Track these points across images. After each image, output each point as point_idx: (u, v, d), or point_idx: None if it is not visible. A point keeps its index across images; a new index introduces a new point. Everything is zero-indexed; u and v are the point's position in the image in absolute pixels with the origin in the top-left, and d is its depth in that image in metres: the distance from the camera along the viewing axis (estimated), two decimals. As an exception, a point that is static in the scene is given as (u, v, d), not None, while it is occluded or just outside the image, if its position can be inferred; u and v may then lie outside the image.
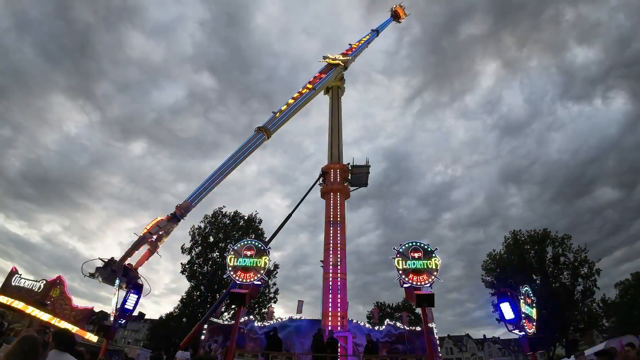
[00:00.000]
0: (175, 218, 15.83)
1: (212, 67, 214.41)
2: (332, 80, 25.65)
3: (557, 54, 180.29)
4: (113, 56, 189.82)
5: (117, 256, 14.34)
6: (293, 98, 23.12)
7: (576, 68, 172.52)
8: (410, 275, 12.32)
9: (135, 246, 14.29)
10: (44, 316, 19.71)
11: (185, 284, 38.82)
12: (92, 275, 12.81)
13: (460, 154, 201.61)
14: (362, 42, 30.91)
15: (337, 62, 25.73)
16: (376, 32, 34.11)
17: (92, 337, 23.68)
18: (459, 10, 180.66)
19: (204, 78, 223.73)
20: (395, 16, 38.71)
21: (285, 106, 22.36)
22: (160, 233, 15.14)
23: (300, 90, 23.88)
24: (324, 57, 25.98)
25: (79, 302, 24.21)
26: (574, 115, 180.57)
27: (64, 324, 20.99)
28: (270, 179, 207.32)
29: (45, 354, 3.36)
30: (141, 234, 14.83)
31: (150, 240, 14.82)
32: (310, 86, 24.00)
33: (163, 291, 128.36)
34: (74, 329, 21.49)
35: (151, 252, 15.20)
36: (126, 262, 14.21)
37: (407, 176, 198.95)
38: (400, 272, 12.42)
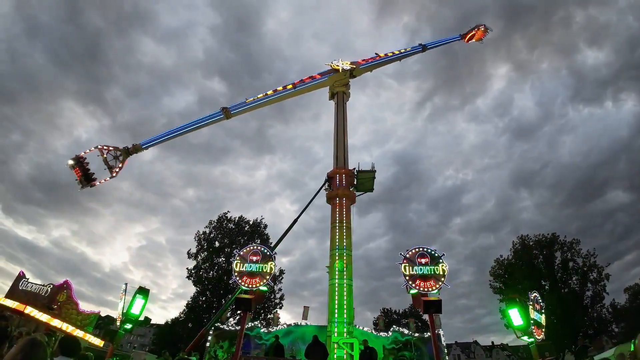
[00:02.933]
0: (127, 150, 19.45)
1: (222, 72, 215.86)
2: (336, 86, 25.71)
3: (568, 56, 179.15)
4: (124, 61, 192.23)
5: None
6: (273, 90, 23.98)
7: (587, 70, 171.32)
8: (418, 281, 12.23)
9: (87, 150, 18.36)
10: (43, 317, 19.77)
11: (192, 289, 38.97)
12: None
13: (471, 157, 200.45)
14: (394, 53, 28.47)
15: (337, 67, 25.90)
16: (422, 47, 29.59)
17: (93, 340, 23.76)
18: (470, 13, 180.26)
19: (215, 83, 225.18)
20: (469, 36, 32.71)
21: (262, 95, 23.54)
22: (111, 151, 18.88)
23: (285, 85, 24.48)
24: (333, 61, 26.19)
25: (85, 307, 24.27)
26: (585, 118, 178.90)
27: (69, 328, 21.09)
28: (280, 184, 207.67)
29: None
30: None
31: (102, 148, 18.64)
32: (297, 83, 24.45)
33: (170, 296, 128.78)
34: (79, 332, 21.58)
35: (110, 177, 18.89)
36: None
37: (417, 180, 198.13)
38: (407, 278, 12.33)
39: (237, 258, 13.60)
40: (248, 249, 13.91)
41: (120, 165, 19.01)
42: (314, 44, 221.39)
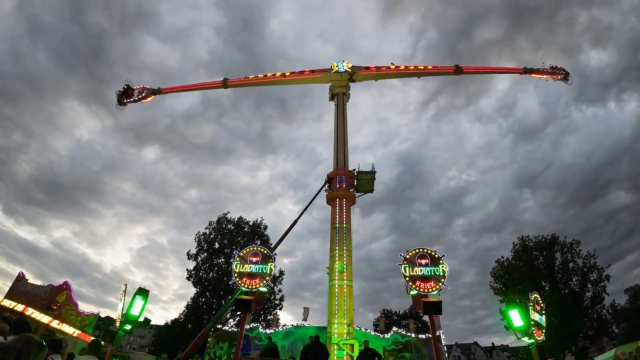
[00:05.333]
0: (152, 90, 27.53)
1: (226, 73, 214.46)
2: (336, 86, 25.77)
3: (572, 57, 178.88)
4: (127, 62, 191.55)
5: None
6: (267, 75, 27.49)
7: (590, 71, 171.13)
8: (418, 282, 12.18)
9: (136, 87, 27.44)
10: (44, 318, 19.73)
11: (193, 290, 38.95)
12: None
13: (475, 158, 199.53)
14: (421, 67, 27.35)
15: (335, 67, 26.12)
16: (457, 68, 26.58)
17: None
18: (475, 14, 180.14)
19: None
20: (528, 71, 27.49)
21: (260, 76, 27.84)
22: (146, 89, 27.54)
23: (281, 72, 27.10)
24: (337, 62, 26.31)
25: (86, 308, 24.25)
26: (589, 119, 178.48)
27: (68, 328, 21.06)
28: (283, 185, 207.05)
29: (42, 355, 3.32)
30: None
31: (143, 88, 27.56)
32: (287, 73, 27.01)
33: (171, 297, 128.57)
34: (75, 332, 21.53)
35: (134, 100, 26.80)
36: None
37: (420, 181, 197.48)
38: (407, 279, 12.29)
39: (237, 259, 13.57)
40: (248, 249, 13.89)
41: (144, 95, 27.15)
42: (318, 44, 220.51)
